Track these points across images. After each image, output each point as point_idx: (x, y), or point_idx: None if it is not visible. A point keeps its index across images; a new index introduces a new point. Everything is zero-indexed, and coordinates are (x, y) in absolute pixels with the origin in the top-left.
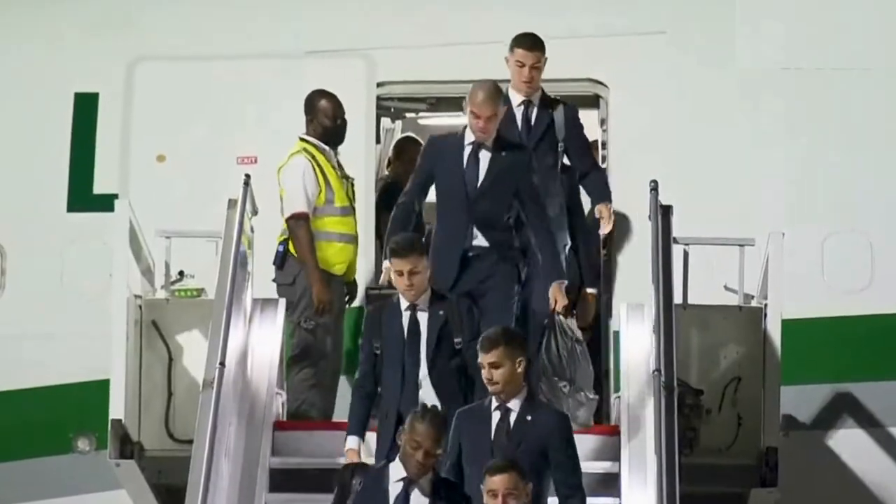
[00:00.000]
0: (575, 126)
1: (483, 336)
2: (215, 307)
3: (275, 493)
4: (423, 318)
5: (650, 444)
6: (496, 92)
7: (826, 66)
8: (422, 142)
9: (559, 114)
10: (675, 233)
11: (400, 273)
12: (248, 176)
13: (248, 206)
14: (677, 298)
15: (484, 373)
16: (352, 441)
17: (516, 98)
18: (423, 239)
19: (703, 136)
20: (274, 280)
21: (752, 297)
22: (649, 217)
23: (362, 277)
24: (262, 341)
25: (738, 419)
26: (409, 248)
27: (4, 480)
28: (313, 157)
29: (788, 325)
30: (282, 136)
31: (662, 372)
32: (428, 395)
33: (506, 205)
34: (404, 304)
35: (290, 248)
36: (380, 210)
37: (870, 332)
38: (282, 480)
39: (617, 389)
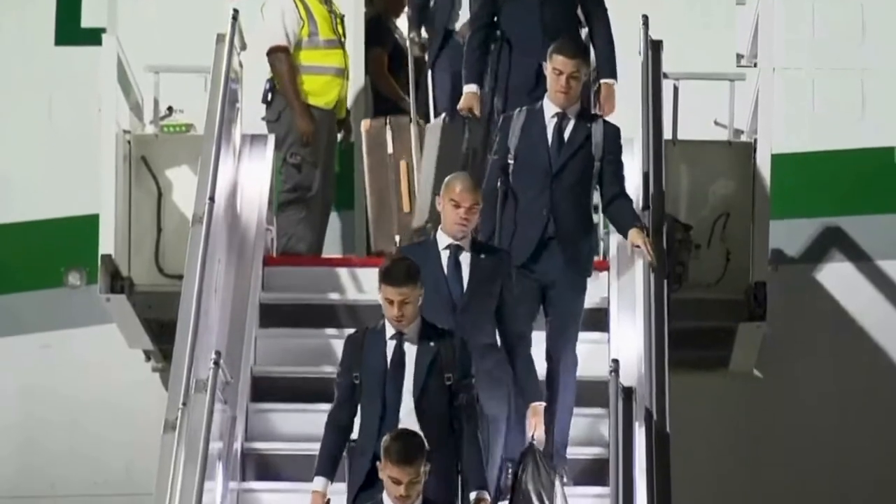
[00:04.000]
0: (614, 147)
1: (399, 450)
2: (204, 142)
3: (265, 328)
4: (410, 349)
5: (639, 279)
6: (475, 183)
7: None
8: None
9: (598, 130)
10: (665, 68)
11: (390, 301)
12: (236, 10)
13: (237, 41)
14: (667, 134)
15: (401, 489)
16: (318, 482)
17: (550, 109)
18: None
19: None
20: (263, 118)
21: (742, 132)
22: (639, 52)
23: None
24: (251, 177)
25: (726, 254)
26: (403, 276)
27: None
28: None
29: (778, 160)
30: None
31: (652, 207)
32: None
33: (489, 316)
34: (389, 331)
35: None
36: (368, 46)
37: (859, 166)
38: (271, 315)
39: (606, 225)
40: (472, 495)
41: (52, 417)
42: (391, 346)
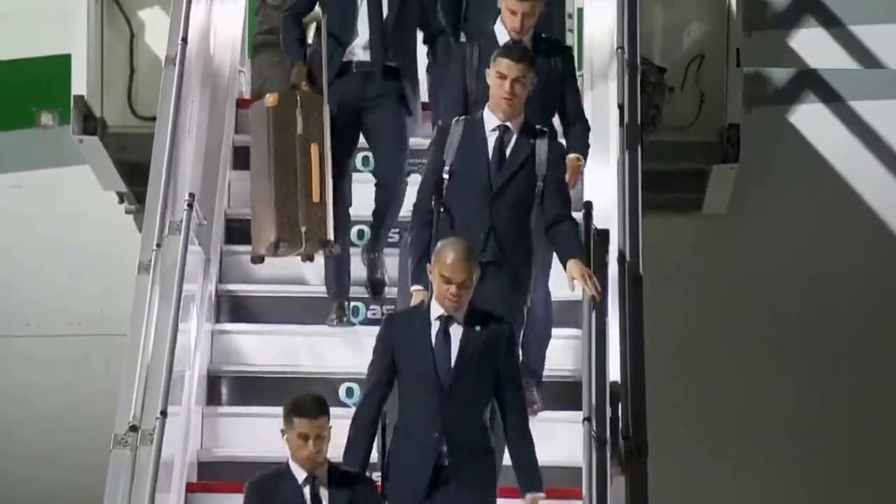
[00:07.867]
0: (559, 167)
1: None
2: None
3: (238, 170)
4: (325, 495)
5: (613, 121)
6: (469, 252)
7: None
8: None
9: (542, 147)
10: None
11: (304, 437)
12: None
13: None
14: None
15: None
16: None
17: (492, 121)
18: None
19: None
20: None
21: None
22: None
23: None
24: (224, 18)
25: (700, 96)
26: (318, 409)
27: None
28: None
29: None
30: None
31: (626, 49)
32: None
33: (484, 394)
34: (300, 476)
35: None
36: None
37: None
38: (245, 157)
39: (580, 68)
40: None
41: (25, 256)
42: (307, 492)
